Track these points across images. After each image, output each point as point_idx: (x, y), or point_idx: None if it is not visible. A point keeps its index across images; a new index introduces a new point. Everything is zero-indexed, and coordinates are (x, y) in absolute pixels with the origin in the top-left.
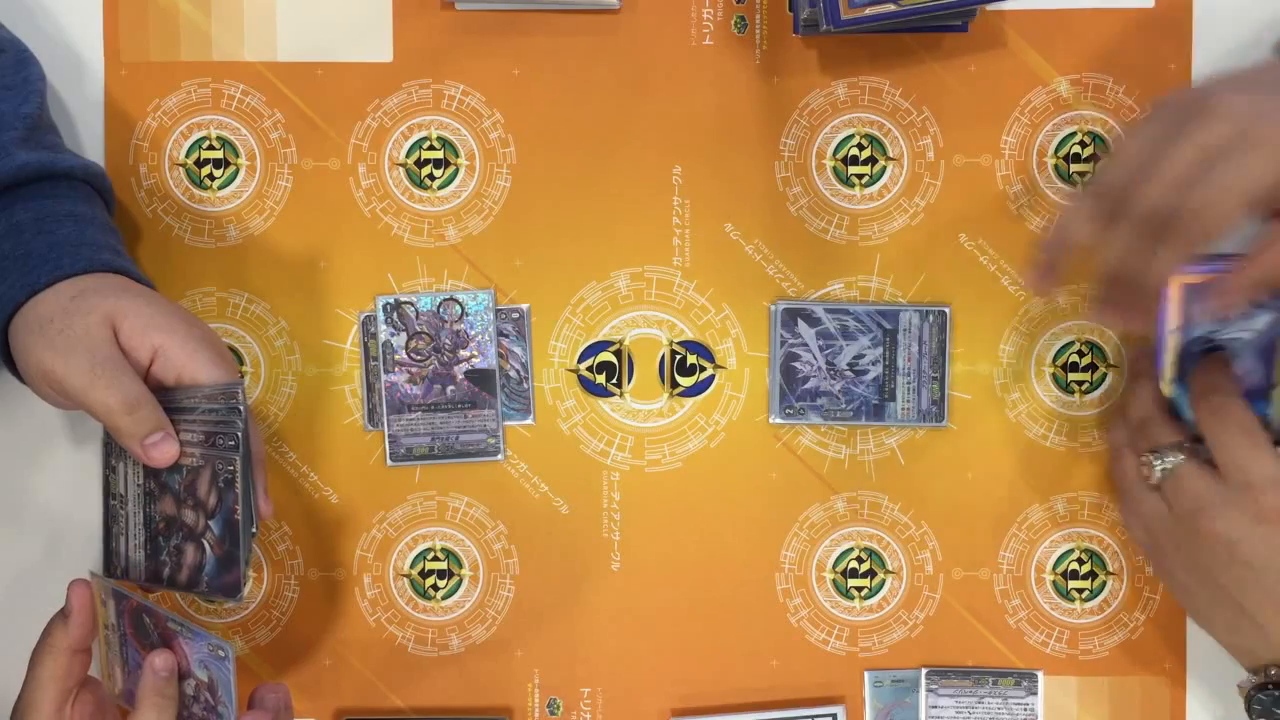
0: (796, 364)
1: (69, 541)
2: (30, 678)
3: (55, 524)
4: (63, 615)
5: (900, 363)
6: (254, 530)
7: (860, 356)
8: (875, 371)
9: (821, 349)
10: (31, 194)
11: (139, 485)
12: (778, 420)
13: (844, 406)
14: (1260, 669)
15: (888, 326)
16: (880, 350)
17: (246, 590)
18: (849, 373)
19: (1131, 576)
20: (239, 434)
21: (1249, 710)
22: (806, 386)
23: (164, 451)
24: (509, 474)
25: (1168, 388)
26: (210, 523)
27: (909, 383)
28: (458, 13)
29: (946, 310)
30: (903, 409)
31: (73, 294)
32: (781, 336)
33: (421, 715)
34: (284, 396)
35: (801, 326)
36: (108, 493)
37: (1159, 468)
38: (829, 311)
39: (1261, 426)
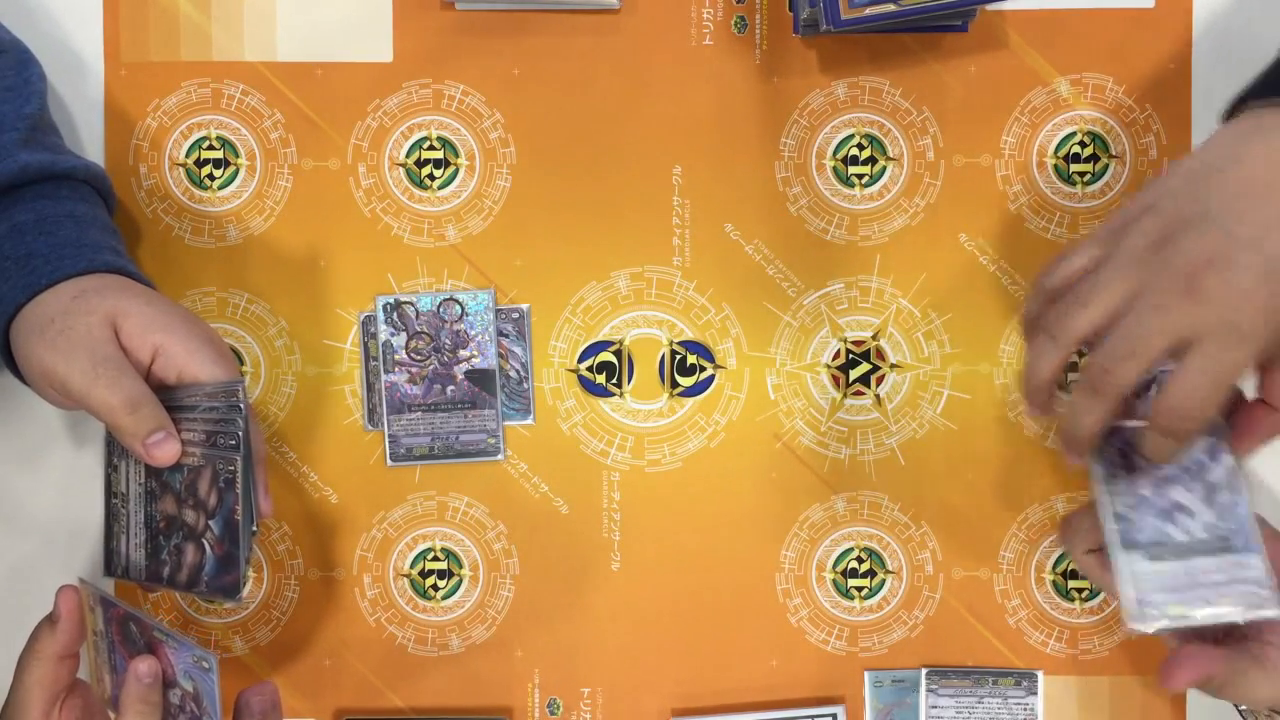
0: None
1: (68, 542)
2: (17, 683)
3: (55, 524)
4: (50, 621)
5: None
6: (254, 529)
7: None
8: None
9: None
10: (33, 195)
11: (140, 484)
12: None
13: None
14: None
15: None
16: None
17: (246, 591)
18: None
19: None
20: (240, 433)
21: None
22: None
23: (166, 450)
24: (509, 474)
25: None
26: (211, 523)
27: None
28: (458, 13)
29: None
30: None
31: (74, 294)
32: None
33: (421, 715)
34: (284, 396)
35: None
36: (109, 491)
37: None
38: None
39: None
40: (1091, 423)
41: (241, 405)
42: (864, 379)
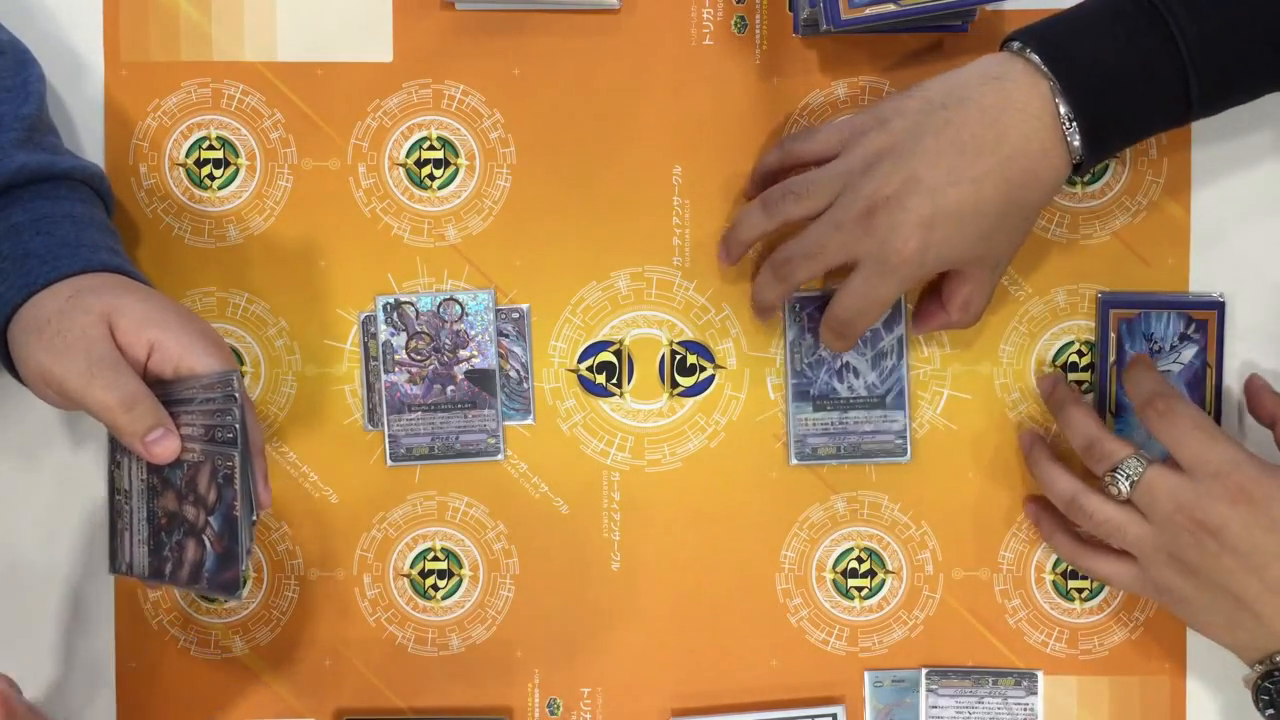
0: None
1: (68, 542)
2: None
3: (54, 524)
4: None
5: None
6: (254, 519)
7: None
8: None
9: None
10: (30, 195)
11: (142, 480)
12: None
13: None
14: (1266, 658)
15: None
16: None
17: (247, 589)
18: None
19: None
20: (236, 425)
21: (1257, 702)
22: None
23: (165, 447)
24: (509, 474)
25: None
26: (210, 519)
27: None
28: (458, 13)
29: None
30: None
31: (70, 294)
32: None
33: (421, 715)
34: (284, 396)
35: None
36: (113, 488)
37: (1126, 481)
38: None
39: (1206, 414)
40: (772, 298)
41: (237, 395)
42: None
